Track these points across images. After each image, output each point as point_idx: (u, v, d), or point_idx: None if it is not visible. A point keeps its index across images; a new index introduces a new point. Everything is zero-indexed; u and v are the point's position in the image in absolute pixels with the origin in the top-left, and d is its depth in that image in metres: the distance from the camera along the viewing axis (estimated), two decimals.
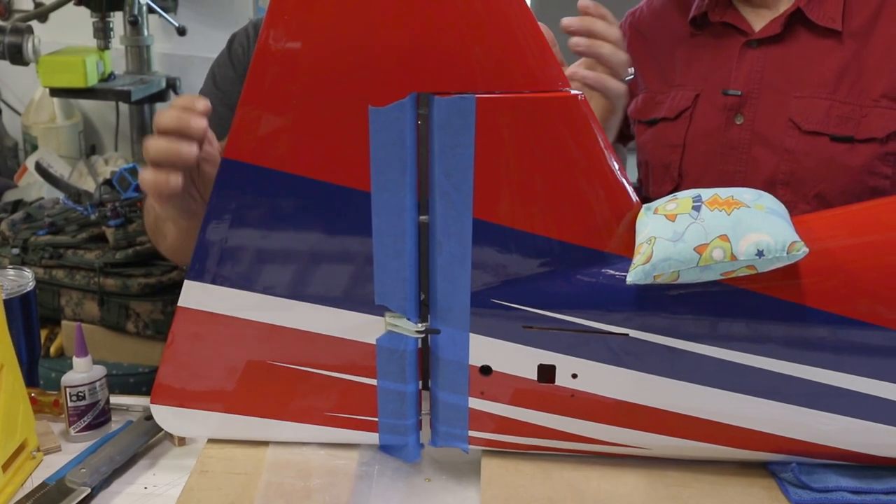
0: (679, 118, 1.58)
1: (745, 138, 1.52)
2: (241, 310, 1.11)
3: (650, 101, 1.63)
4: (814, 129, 1.47)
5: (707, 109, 1.56)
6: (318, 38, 0.99)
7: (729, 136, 1.53)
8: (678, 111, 1.58)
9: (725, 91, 1.53)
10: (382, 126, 1.00)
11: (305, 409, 1.16)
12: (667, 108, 1.60)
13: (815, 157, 1.47)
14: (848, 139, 1.46)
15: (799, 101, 1.48)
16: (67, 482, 1.13)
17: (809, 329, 1.05)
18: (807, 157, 1.47)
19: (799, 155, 1.48)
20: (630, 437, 1.12)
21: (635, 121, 1.66)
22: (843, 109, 1.46)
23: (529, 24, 1.00)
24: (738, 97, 1.52)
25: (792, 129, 1.48)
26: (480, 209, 1.04)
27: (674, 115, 1.58)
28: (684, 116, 1.57)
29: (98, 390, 1.26)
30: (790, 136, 1.48)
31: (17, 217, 2.33)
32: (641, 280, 1.01)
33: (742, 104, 1.52)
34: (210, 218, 1.07)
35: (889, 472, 1.12)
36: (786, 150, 1.49)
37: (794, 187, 1.48)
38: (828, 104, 1.47)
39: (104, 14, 2.89)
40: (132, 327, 2.16)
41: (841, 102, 1.46)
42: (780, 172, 1.49)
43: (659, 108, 1.61)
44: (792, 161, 1.48)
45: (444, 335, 1.10)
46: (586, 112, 1.02)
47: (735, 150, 1.53)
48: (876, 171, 1.46)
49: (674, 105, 1.59)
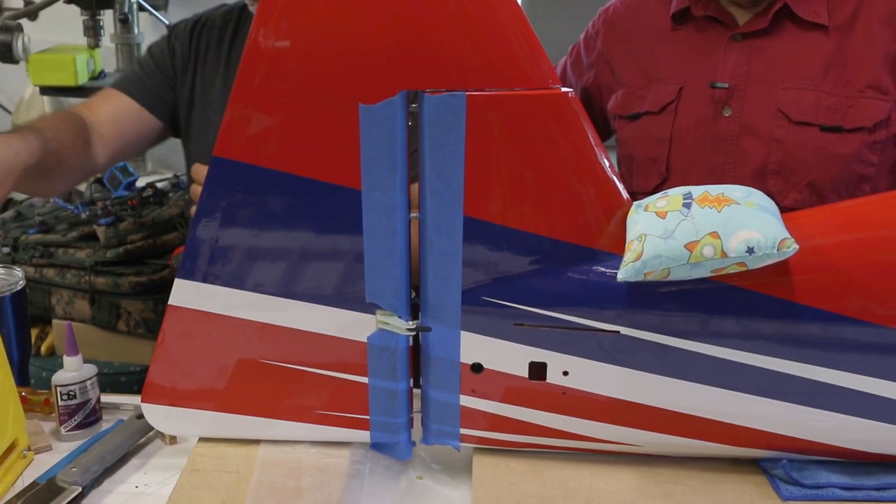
0: (664, 111, 1.59)
1: (734, 130, 1.54)
2: (232, 308, 1.11)
3: (630, 97, 1.64)
4: (804, 119, 1.49)
5: (692, 102, 1.57)
6: (308, 37, 0.99)
7: (717, 127, 1.55)
8: (662, 105, 1.59)
9: (713, 84, 1.55)
10: (372, 124, 1.00)
11: (297, 408, 1.16)
12: (649, 101, 1.61)
13: (806, 147, 1.49)
14: (837, 129, 1.49)
15: (786, 93, 1.50)
16: (58, 481, 1.13)
17: (800, 326, 1.05)
18: (798, 147, 1.49)
19: (790, 145, 1.50)
20: (621, 434, 1.12)
21: (615, 116, 1.67)
22: (830, 100, 1.49)
23: (520, 22, 1.00)
24: (726, 90, 1.54)
25: (781, 120, 1.50)
26: (471, 207, 1.04)
27: (657, 108, 1.59)
28: (669, 110, 1.58)
29: (89, 389, 1.26)
30: (780, 126, 1.50)
31: (7, 216, 2.32)
32: (632, 277, 1.01)
33: (729, 96, 1.54)
34: (201, 216, 1.07)
35: (880, 469, 1.12)
36: (776, 140, 1.50)
37: (784, 176, 1.50)
38: (816, 95, 1.49)
39: (94, 12, 2.88)
40: (123, 326, 2.15)
41: (827, 93, 1.49)
42: (771, 162, 1.51)
43: (640, 103, 1.62)
44: (783, 151, 1.50)
45: (435, 333, 1.10)
46: (576, 109, 1.02)
47: (724, 142, 1.54)
48: (864, 160, 1.49)
49: (657, 99, 1.60)
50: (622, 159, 1.68)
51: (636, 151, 1.63)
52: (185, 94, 1.73)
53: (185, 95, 1.73)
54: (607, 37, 1.69)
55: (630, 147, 1.65)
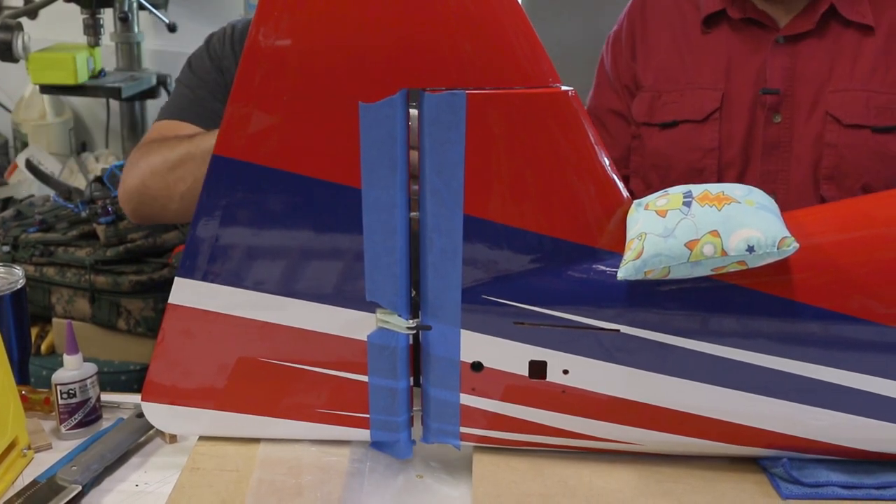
0: (708, 120, 1.54)
1: (785, 137, 1.50)
2: (233, 307, 1.10)
3: (657, 102, 1.60)
4: (855, 122, 1.47)
5: (738, 109, 1.53)
6: (308, 35, 0.99)
7: (767, 135, 1.51)
8: (706, 113, 1.55)
9: (764, 90, 1.51)
10: (372, 122, 1.00)
11: (297, 406, 1.16)
12: (689, 109, 1.56)
13: (859, 150, 1.47)
14: (890, 129, 1.46)
15: (835, 95, 1.48)
16: (58, 480, 1.13)
17: (800, 325, 1.05)
18: (850, 151, 1.47)
19: (842, 149, 1.47)
20: (622, 433, 1.12)
21: (641, 123, 1.62)
22: (880, 99, 1.46)
23: (520, 20, 1.00)
24: (777, 95, 1.50)
25: (832, 124, 1.47)
26: (471, 205, 1.04)
27: (701, 117, 1.55)
28: (714, 118, 1.54)
29: (89, 388, 1.26)
30: (830, 130, 1.47)
31: (7, 214, 2.33)
32: (632, 276, 1.01)
33: (780, 102, 1.50)
34: (201, 215, 1.07)
35: (880, 467, 1.12)
36: (827, 144, 1.47)
37: (838, 181, 1.47)
38: (865, 95, 1.46)
39: (94, 11, 2.88)
40: (123, 325, 2.15)
41: (877, 93, 1.46)
42: (823, 168, 1.48)
43: (673, 109, 1.57)
44: (835, 155, 1.47)
45: (435, 331, 1.10)
46: (577, 108, 1.02)
47: (776, 150, 1.51)
48: None
49: (697, 106, 1.55)
50: (651, 169, 1.62)
51: (675, 161, 1.58)
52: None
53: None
54: (628, 38, 1.65)
55: (665, 156, 1.59)
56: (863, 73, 1.48)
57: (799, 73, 1.50)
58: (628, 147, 1.67)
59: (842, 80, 1.48)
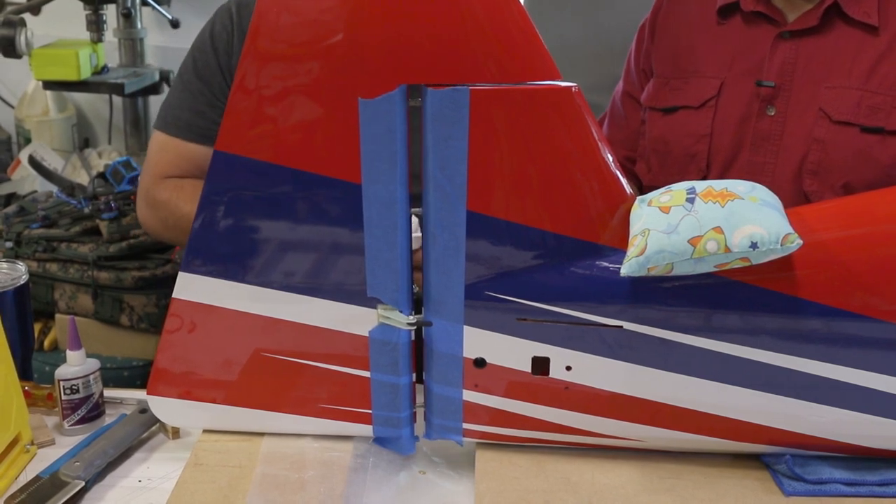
0: (703, 107, 1.56)
1: (777, 130, 1.51)
2: (235, 302, 1.11)
3: (664, 87, 1.61)
4: (844, 119, 1.47)
5: (734, 99, 1.54)
6: (309, 31, 0.99)
7: (760, 126, 1.52)
8: (702, 100, 1.56)
9: (759, 82, 1.52)
10: (372, 118, 1.00)
11: (300, 401, 1.16)
12: (689, 95, 1.58)
13: (845, 148, 1.47)
14: (878, 130, 1.46)
15: (829, 91, 1.48)
16: (61, 476, 1.13)
17: (803, 321, 1.05)
18: (836, 147, 1.47)
19: (828, 145, 1.47)
20: (624, 430, 1.12)
21: (648, 108, 1.64)
22: (874, 100, 1.46)
23: (521, 17, 1.00)
24: (772, 88, 1.51)
25: (822, 119, 1.48)
26: (474, 201, 1.04)
27: (697, 103, 1.57)
28: (709, 105, 1.56)
29: (92, 384, 1.26)
30: (820, 125, 1.48)
31: (10, 210, 2.33)
32: (635, 272, 1.01)
33: (775, 95, 1.51)
34: (203, 210, 1.07)
35: (883, 464, 1.12)
36: (815, 139, 1.48)
37: (821, 177, 1.48)
38: (859, 94, 1.46)
39: (97, 7, 2.88)
40: (126, 321, 2.16)
41: (873, 93, 1.46)
42: (809, 162, 1.48)
43: (677, 95, 1.59)
44: (821, 151, 1.47)
45: (437, 327, 1.10)
46: (580, 104, 1.02)
47: (766, 142, 1.51)
48: None
49: (696, 93, 1.57)
50: (652, 153, 1.65)
51: (672, 146, 1.60)
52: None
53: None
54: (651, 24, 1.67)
55: (665, 141, 1.61)
56: (861, 73, 1.48)
57: (800, 69, 1.51)
58: (637, 131, 1.70)
59: (839, 77, 1.49)
